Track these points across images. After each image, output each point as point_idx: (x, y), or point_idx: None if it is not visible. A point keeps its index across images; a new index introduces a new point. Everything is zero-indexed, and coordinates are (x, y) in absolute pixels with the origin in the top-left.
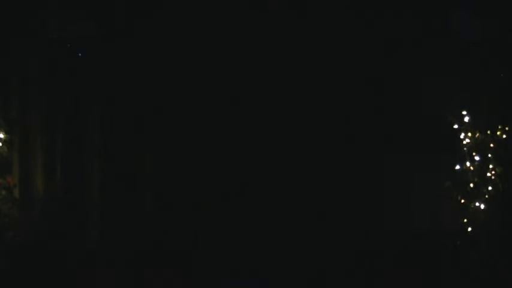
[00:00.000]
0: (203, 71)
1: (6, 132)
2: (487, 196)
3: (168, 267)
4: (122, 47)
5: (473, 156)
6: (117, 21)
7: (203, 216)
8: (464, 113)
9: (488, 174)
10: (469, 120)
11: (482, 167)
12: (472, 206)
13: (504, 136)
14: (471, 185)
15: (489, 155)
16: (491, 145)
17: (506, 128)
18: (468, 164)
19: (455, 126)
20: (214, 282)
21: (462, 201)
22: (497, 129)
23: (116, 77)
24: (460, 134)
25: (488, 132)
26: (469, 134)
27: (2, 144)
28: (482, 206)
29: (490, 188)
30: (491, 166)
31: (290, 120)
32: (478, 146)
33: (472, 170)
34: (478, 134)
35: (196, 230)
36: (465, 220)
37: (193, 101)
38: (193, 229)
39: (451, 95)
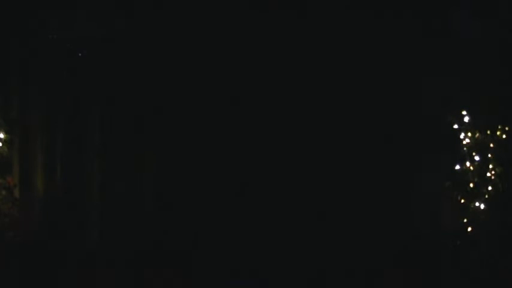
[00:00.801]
0: (203, 71)
1: (6, 132)
2: (487, 196)
3: (168, 267)
4: (122, 47)
5: (473, 156)
6: (117, 21)
7: (203, 216)
8: (464, 113)
9: (488, 174)
10: (469, 120)
11: (482, 167)
12: (472, 206)
13: (504, 136)
14: (471, 185)
15: (489, 155)
16: (491, 145)
17: (506, 128)
18: (468, 164)
19: (455, 126)
20: (214, 282)
21: (462, 201)
22: (497, 129)
23: (116, 77)
24: (460, 134)
25: (488, 132)
26: (469, 134)
27: (2, 144)
28: (482, 206)
29: (490, 188)
30: (491, 166)
31: (289, 119)
32: (478, 146)
33: (472, 170)
34: (478, 134)
35: (196, 230)
36: (465, 220)
37: (193, 101)
38: (193, 229)
39: (451, 95)
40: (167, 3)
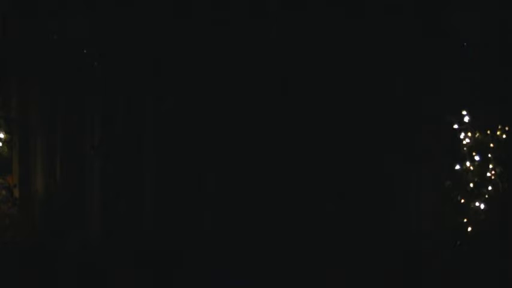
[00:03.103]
0: (203, 71)
1: (6, 132)
2: (487, 196)
3: (168, 267)
4: (122, 46)
5: (473, 156)
6: (118, 20)
7: (203, 216)
8: (464, 113)
9: (488, 174)
10: (469, 120)
11: (482, 167)
12: (472, 206)
13: (504, 136)
14: (471, 185)
15: (489, 155)
16: (491, 145)
17: (506, 128)
18: (468, 164)
19: (455, 126)
20: (212, 282)
21: (462, 201)
22: (497, 129)
23: (117, 76)
24: (460, 134)
25: (488, 132)
26: (469, 134)
27: (2, 144)
28: (482, 206)
29: (490, 188)
30: (491, 166)
31: (288, 120)
32: (478, 146)
33: (472, 170)
34: (478, 134)
35: (195, 230)
36: (465, 220)
37: (193, 100)
38: (192, 229)
39: (451, 95)
40: (167, 4)
